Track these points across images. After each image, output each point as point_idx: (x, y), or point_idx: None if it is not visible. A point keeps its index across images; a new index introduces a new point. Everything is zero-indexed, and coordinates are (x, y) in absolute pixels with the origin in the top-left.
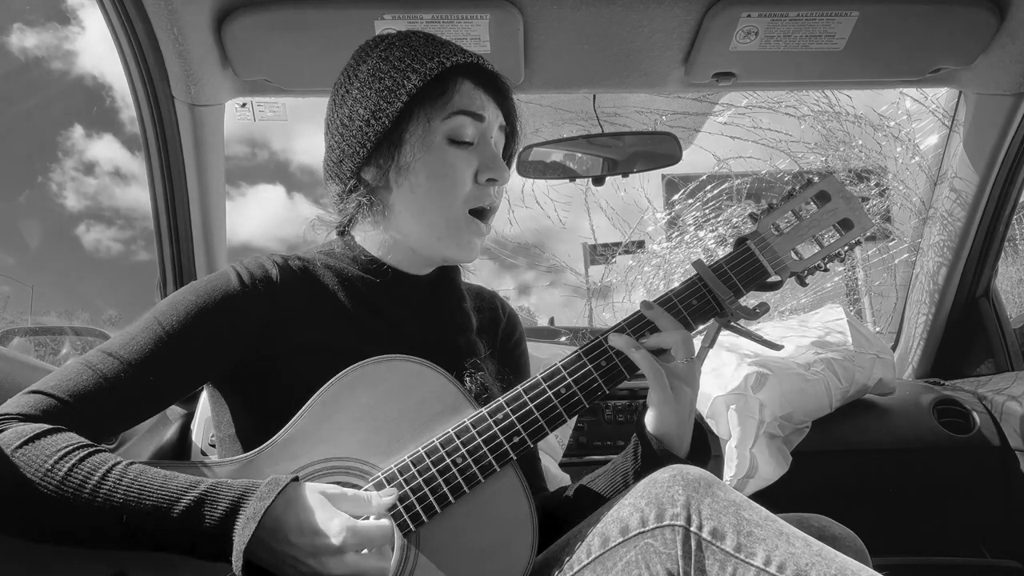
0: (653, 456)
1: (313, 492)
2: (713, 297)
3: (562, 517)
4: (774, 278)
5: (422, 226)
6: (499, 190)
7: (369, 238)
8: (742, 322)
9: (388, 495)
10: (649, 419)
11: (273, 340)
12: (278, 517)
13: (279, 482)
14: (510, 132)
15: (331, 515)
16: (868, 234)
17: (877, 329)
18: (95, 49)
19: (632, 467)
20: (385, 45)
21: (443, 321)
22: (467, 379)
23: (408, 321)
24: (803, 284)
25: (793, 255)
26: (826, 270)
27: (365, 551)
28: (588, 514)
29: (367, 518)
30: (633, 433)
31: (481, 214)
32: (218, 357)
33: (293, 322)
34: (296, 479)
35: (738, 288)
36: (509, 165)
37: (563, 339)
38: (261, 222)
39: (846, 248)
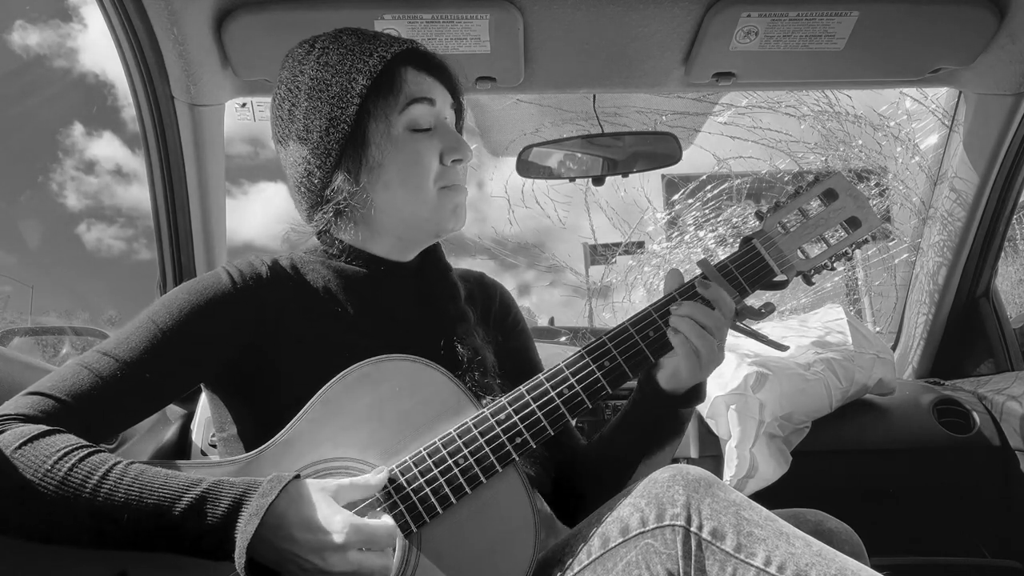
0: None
1: (315, 489)
2: None
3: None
4: (780, 277)
5: (407, 215)
6: (465, 167)
7: (349, 234)
8: (747, 322)
9: (379, 471)
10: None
11: (266, 337)
12: (281, 514)
13: (281, 479)
14: (458, 108)
15: (334, 512)
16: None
17: (877, 329)
18: (97, 47)
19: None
20: (319, 51)
21: (431, 296)
22: (457, 345)
23: (398, 307)
24: (809, 283)
25: (799, 254)
26: (833, 269)
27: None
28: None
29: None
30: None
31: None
32: (213, 355)
33: (285, 318)
34: (298, 476)
35: (744, 288)
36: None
37: (563, 339)
38: (263, 220)
39: (853, 247)
